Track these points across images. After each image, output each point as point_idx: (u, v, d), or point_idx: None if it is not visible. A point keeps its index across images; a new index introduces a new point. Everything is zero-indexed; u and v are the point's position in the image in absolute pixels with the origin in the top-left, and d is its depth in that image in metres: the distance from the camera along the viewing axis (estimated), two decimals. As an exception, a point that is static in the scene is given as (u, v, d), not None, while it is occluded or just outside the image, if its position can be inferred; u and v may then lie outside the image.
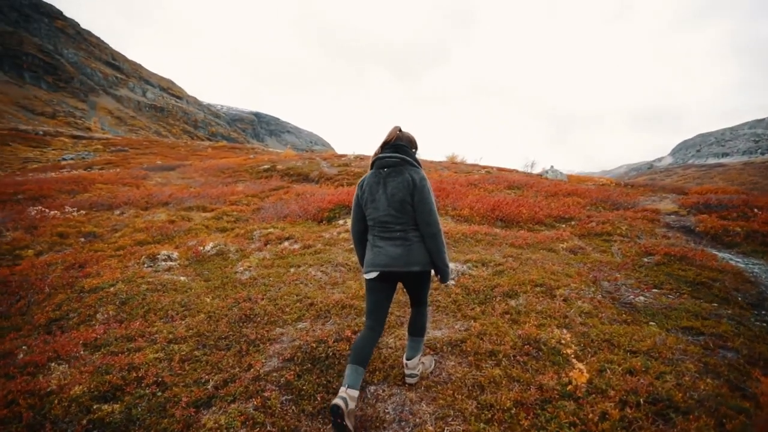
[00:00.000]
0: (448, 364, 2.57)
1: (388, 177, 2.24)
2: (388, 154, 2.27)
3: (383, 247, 2.23)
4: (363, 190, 2.32)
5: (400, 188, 2.19)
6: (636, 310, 3.68)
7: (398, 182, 2.20)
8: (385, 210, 2.22)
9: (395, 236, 2.22)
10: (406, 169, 2.24)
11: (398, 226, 2.22)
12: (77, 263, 5.12)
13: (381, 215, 2.24)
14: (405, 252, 2.19)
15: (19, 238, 6.50)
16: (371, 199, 2.27)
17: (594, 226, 6.68)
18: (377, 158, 2.30)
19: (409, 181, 2.19)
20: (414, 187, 2.19)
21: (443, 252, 2.24)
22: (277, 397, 2.23)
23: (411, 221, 2.22)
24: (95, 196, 10.93)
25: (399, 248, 2.20)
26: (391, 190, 2.21)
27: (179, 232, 7.26)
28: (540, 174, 15.70)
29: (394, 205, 2.20)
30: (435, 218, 2.21)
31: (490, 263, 4.56)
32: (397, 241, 2.22)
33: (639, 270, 4.83)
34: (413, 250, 2.20)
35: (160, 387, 2.30)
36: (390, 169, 2.25)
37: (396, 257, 2.19)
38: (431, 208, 2.19)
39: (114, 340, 2.80)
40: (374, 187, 2.27)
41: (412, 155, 2.35)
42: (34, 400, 2.06)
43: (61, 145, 34.94)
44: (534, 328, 2.95)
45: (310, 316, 3.26)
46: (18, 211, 8.21)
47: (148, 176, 16.01)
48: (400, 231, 2.22)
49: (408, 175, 2.21)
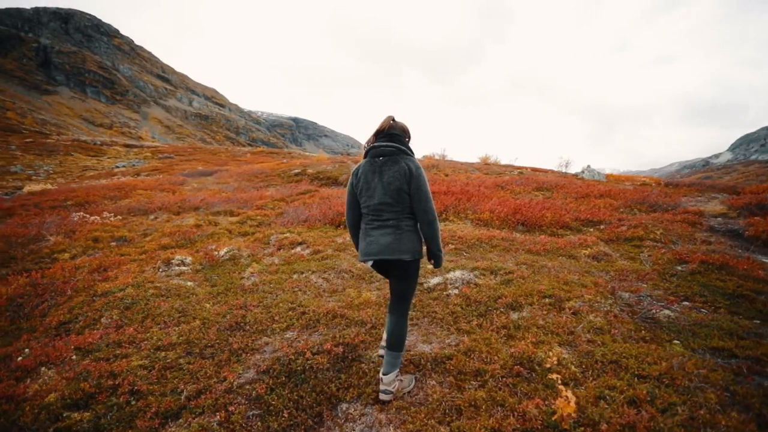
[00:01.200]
0: (428, 383, 2.40)
1: (384, 166, 2.26)
2: (383, 143, 2.29)
3: (375, 237, 2.29)
4: (358, 178, 2.35)
5: (397, 177, 2.22)
6: (658, 326, 3.31)
7: (395, 171, 2.23)
8: (380, 198, 2.26)
9: (387, 224, 2.28)
10: (401, 158, 2.27)
11: (392, 214, 2.27)
12: (102, 267, 5.39)
13: (375, 203, 2.28)
14: (395, 240, 2.25)
15: (59, 242, 6.98)
16: (366, 188, 2.31)
17: (624, 230, 6.18)
18: (372, 147, 2.32)
19: (405, 170, 2.22)
20: (411, 176, 2.22)
21: (438, 238, 2.30)
22: (242, 412, 2.17)
23: (405, 210, 2.27)
24: (134, 201, 11.59)
25: (390, 236, 2.26)
26: (388, 179, 2.24)
27: (202, 236, 7.49)
28: (576, 174, 14.89)
29: (391, 194, 2.24)
30: (431, 206, 2.26)
31: (500, 271, 4.30)
32: (388, 230, 2.27)
33: (669, 280, 4.39)
34: (403, 239, 2.25)
35: (135, 396, 2.32)
36: (385, 158, 2.28)
37: (386, 245, 2.25)
38: (428, 197, 2.24)
39: (105, 346, 2.88)
40: (369, 176, 2.29)
41: (406, 144, 2.37)
42: (10, 405, 2.13)
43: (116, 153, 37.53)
44: (530, 346, 2.71)
45: (299, 325, 3.20)
46: (63, 217, 8.85)
47: (185, 182, 16.80)
48: (392, 219, 2.27)
49: (404, 164, 2.24)
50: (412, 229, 2.30)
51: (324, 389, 2.36)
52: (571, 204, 8.13)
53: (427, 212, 2.24)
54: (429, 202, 2.24)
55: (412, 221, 2.31)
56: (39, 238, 7.08)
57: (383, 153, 2.28)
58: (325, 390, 2.35)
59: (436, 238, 2.29)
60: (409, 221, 2.30)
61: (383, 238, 2.27)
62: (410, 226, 2.29)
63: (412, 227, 2.31)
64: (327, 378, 2.47)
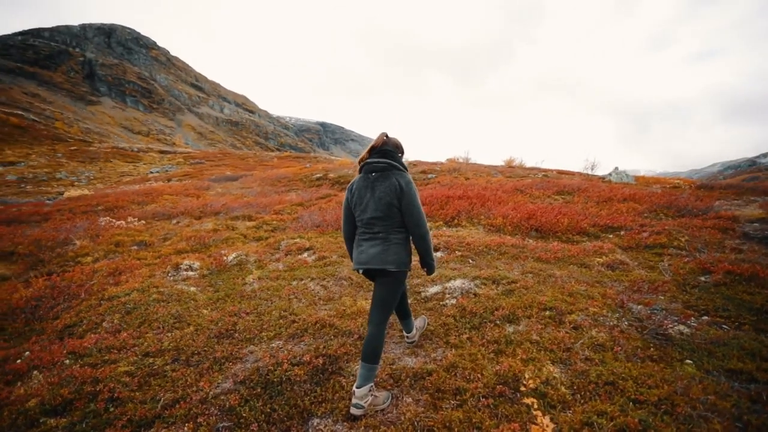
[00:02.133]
0: (405, 400, 2.30)
1: (376, 181, 2.36)
2: (375, 159, 2.38)
3: (364, 247, 2.40)
4: (352, 193, 2.46)
5: (388, 192, 2.31)
6: (670, 344, 3.06)
7: (386, 186, 2.32)
8: (372, 212, 2.36)
9: (377, 236, 2.38)
10: (392, 173, 2.36)
11: (382, 227, 2.37)
12: (117, 271, 5.60)
13: (368, 217, 2.38)
14: (383, 251, 2.34)
15: (83, 246, 7.33)
16: (359, 202, 2.41)
17: (645, 236, 5.81)
18: (365, 163, 2.40)
19: (396, 185, 2.31)
20: (401, 192, 2.30)
21: (430, 250, 2.41)
22: (212, 424, 2.15)
23: (395, 223, 2.36)
24: (159, 206, 12.05)
25: (378, 247, 2.35)
26: (379, 194, 2.33)
27: (217, 241, 7.67)
28: (603, 177, 14.25)
29: (381, 208, 2.33)
30: (423, 220, 2.34)
31: (503, 281, 4.13)
32: (377, 241, 2.37)
33: (689, 292, 4.07)
34: (390, 250, 2.34)
35: (114, 403, 2.35)
36: (378, 173, 2.37)
37: (374, 255, 2.35)
38: (419, 211, 2.33)
39: (97, 351, 2.96)
40: (363, 191, 2.40)
41: (399, 159, 2.46)
42: None
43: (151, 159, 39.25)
44: (519, 363, 2.55)
45: (287, 334, 3.17)
46: (92, 221, 9.31)
47: (210, 187, 17.35)
48: (382, 232, 2.37)
49: (395, 180, 2.32)
50: (401, 242, 2.38)
51: (297, 403, 2.31)
52: (591, 209, 7.75)
53: (419, 226, 2.33)
54: (420, 216, 2.32)
55: (401, 234, 2.39)
56: (67, 242, 7.47)
57: (375, 169, 2.37)
58: (299, 404, 2.30)
59: (429, 250, 2.40)
60: (399, 234, 2.38)
61: (372, 248, 2.37)
62: (399, 239, 2.37)
63: (401, 240, 2.38)
64: (303, 391, 2.42)
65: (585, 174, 14.35)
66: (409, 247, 2.44)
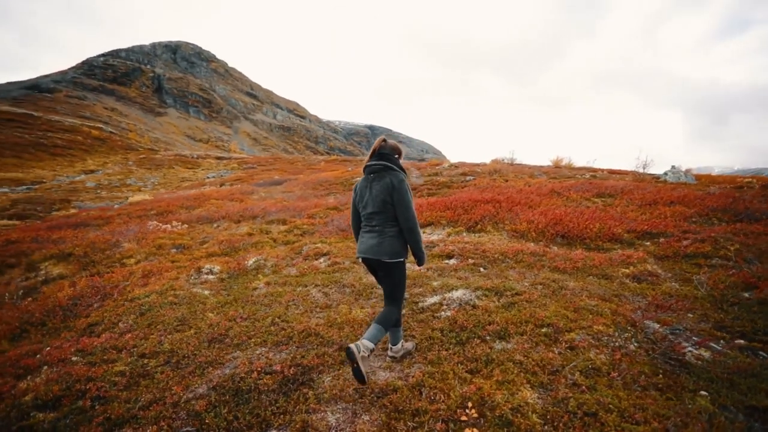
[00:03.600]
0: (362, 418, 2.25)
1: (374, 181, 2.68)
2: (374, 162, 2.70)
3: (365, 239, 2.74)
4: (356, 192, 2.80)
5: (382, 190, 2.61)
6: (684, 371, 2.73)
7: (381, 185, 2.62)
8: (370, 208, 2.68)
9: (374, 230, 2.69)
10: (387, 173, 2.65)
11: (378, 221, 2.67)
12: (150, 273, 6.06)
13: (368, 212, 2.70)
14: (377, 243, 2.64)
15: (129, 249, 8.02)
16: (361, 200, 2.76)
17: (686, 244, 5.22)
18: (366, 166, 2.72)
19: (389, 183, 2.60)
20: (393, 189, 2.59)
21: (419, 242, 2.66)
22: (177, 427, 2.24)
23: (389, 218, 2.64)
24: (204, 210, 12.87)
25: (374, 239, 2.66)
26: (375, 192, 2.64)
27: (247, 245, 8.02)
28: (657, 176, 13.04)
29: (377, 204, 2.63)
30: (411, 214, 2.60)
31: (507, 292, 3.91)
32: (374, 234, 2.68)
33: (726, 310, 3.60)
34: (385, 243, 2.63)
35: (99, 401, 2.53)
36: (375, 174, 2.69)
37: (371, 246, 2.66)
38: (408, 206, 2.59)
39: (101, 350, 3.21)
40: (363, 190, 2.74)
41: (395, 161, 2.73)
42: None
43: (208, 165, 41.94)
44: (493, 386, 2.39)
45: (273, 341, 3.23)
46: (142, 225, 10.16)
47: (255, 191, 18.21)
48: (379, 225, 2.67)
49: (388, 179, 2.62)
50: (395, 235, 2.65)
51: (259, 412, 2.34)
52: (630, 213, 7.11)
53: (407, 220, 2.59)
54: (408, 211, 2.59)
55: (395, 228, 2.66)
56: (116, 245, 8.21)
57: (374, 170, 2.69)
58: (260, 413, 2.33)
59: (417, 242, 2.65)
60: (393, 228, 2.66)
61: (370, 240, 2.69)
62: (393, 232, 2.65)
63: (395, 233, 2.65)
64: (268, 401, 2.45)
65: (637, 173, 13.22)
66: (402, 240, 2.68)
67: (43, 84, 64.85)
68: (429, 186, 15.77)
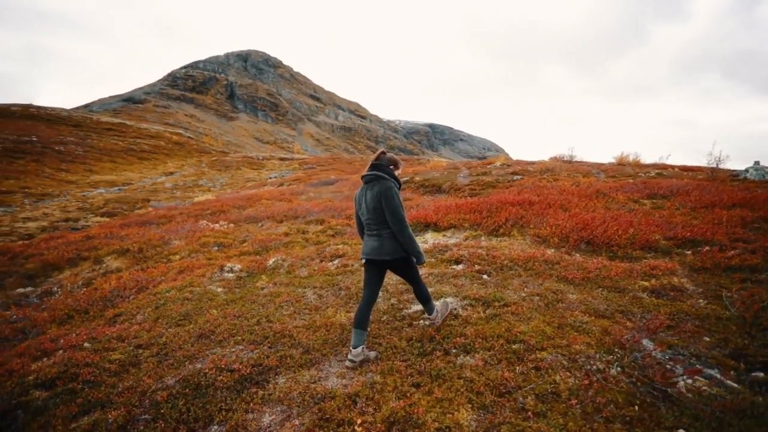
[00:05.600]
0: (293, 422, 2.31)
1: (368, 189, 3.03)
2: (369, 173, 3.06)
3: (366, 241, 3.08)
4: (356, 201, 3.17)
5: (374, 197, 2.95)
6: (669, 404, 2.43)
7: (374, 193, 2.96)
8: (367, 214, 3.01)
9: (373, 233, 3.02)
10: (378, 182, 2.98)
11: (375, 225, 2.99)
12: (185, 269, 6.66)
13: (366, 218, 3.04)
14: (378, 245, 2.98)
15: (177, 246, 8.86)
16: (359, 207, 3.12)
17: (733, 255, 4.54)
18: (363, 176, 3.09)
19: (378, 191, 2.93)
20: (381, 195, 2.90)
21: (409, 242, 2.91)
22: (136, 414, 2.49)
23: (384, 222, 2.94)
24: (254, 210, 13.75)
25: (375, 242, 3.00)
26: (369, 199, 2.98)
27: (278, 245, 8.45)
28: (736, 173, 11.39)
29: (372, 211, 2.96)
30: (398, 217, 2.88)
31: (495, 303, 3.72)
32: (374, 237, 3.01)
33: (754, 335, 3.12)
34: (384, 244, 2.96)
35: (88, 384, 2.88)
36: (369, 183, 3.05)
37: (373, 248, 3.00)
38: (394, 210, 2.88)
39: (107, 339, 3.62)
40: (360, 198, 3.10)
41: (388, 171, 3.06)
42: (5, 378, 2.93)
43: (272, 166, 44.47)
44: (431, 402, 2.32)
45: (249, 340, 3.41)
46: (194, 224, 11.16)
47: (305, 192, 19.02)
48: (376, 229, 2.99)
49: (378, 187, 2.95)
50: (391, 236, 2.95)
51: (208, 407, 2.51)
52: (678, 217, 6.32)
53: (395, 223, 2.89)
54: (395, 214, 2.88)
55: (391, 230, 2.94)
56: (167, 242, 9.13)
57: (368, 180, 3.05)
58: (209, 408, 2.50)
59: (408, 242, 2.91)
60: (388, 229, 2.95)
61: (370, 243, 3.03)
62: (389, 234, 2.95)
63: (392, 234, 2.95)
64: (221, 397, 2.61)
65: (713, 169, 11.64)
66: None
67: (136, 96, 73.54)
68: (473, 186, 15.33)
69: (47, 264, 8.08)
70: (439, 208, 8.38)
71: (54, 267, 8.09)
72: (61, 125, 41.12)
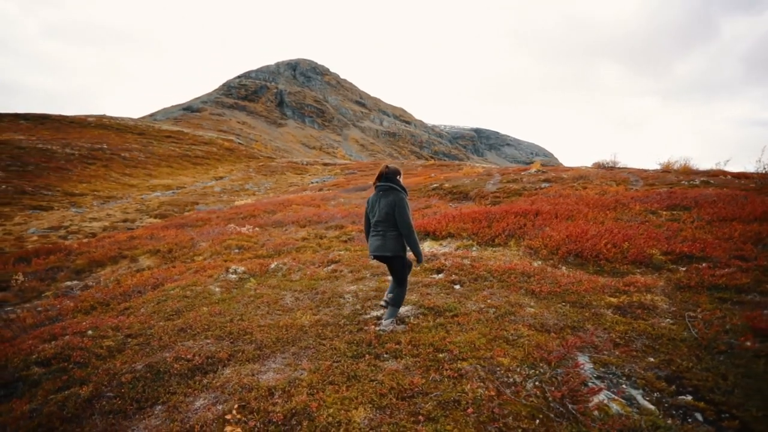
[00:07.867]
0: (217, 407, 2.64)
1: (382, 197, 3.70)
2: (382, 184, 3.74)
3: (372, 240, 3.75)
4: (369, 204, 3.85)
5: (387, 204, 3.62)
6: (570, 422, 2.48)
7: (387, 200, 3.63)
8: (378, 217, 3.67)
9: (379, 233, 3.66)
10: (391, 192, 3.67)
11: (383, 226, 3.64)
12: (201, 269, 7.33)
13: (376, 220, 3.70)
14: (381, 243, 3.63)
15: (203, 248, 9.67)
16: (371, 210, 3.80)
17: (722, 273, 4.28)
18: (377, 186, 3.75)
19: (392, 200, 3.60)
20: (395, 205, 3.58)
21: (415, 244, 3.60)
22: (102, 391, 2.95)
23: (391, 225, 3.61)
24: (282, 215, 14.51)
25: (378, 241, 3.66)
26: (382, 205, 3.65)
27: (291, 249, 8.96)
28: (789, 181, 10.29)
29: (383, 215, 3.63)
30: (407, 223, 3.55)
31: (447, 312, 3.86)
32: (378, 236, 3.67)
33: (702, 358, 3.01)
34: (387, 243, 3.61)
35: (77, 365, 3.42)
36: (383, 192, 3.72)
37: (377, 246, 3.66)
38: (404, 217, 3.55)
39: (106, 328, 4.20)
40: (374, 203, 3.77)
41: (397, 181, 3.74)
42: (14, 355, 3.54)
43: (315, 171, 46.02)
44: (334, 399, 2.55)
45: (215, 335, 3.81)
46: (223, 227, 12.05)
47: (335, 197, 19.66)
48: (382, 230, 3.65)
49: (392, 197, 3.62)
50: (394, 237, 3.61)
51: (159, 390, 2.92)
52: (688, 230, 5.95)
53: (404, 227, 3.57)
54: (404, 221, 3.55)
55: (395, 232, 3.61)
56: (195, 244, 9.99)
57: (382, 189, 3.73)
58: (159, 391, 2.91)
59: (413, 244, 3.59)
60: (393, 232, 3.62)
61: (376, 241, 3.68)
62: (393, 235, 3.61)
63: (394, 236, 3.61)
64: (173, 382, 3.02)
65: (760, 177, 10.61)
66: (400, 241, 3.62)
67: (194, 105, 79.51)
68: (498, 194, 15.12)
69: (93, 261, 9.19)
70: (441, 217, 8.47)
71: (98, 264, 9.19)
72: (127, 133, 45.51)
